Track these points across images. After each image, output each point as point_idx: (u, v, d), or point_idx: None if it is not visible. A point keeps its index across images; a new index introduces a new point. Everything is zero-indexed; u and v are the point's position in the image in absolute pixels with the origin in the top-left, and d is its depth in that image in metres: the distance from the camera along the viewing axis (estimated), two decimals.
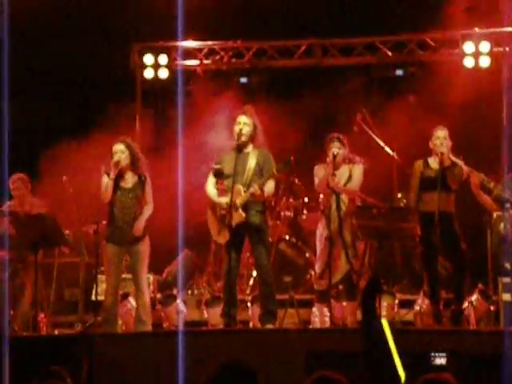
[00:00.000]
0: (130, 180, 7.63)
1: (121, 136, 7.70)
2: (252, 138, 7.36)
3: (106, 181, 7.49)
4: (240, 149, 7.35)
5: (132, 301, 8.04)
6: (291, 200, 9.70)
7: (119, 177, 7.59)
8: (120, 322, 7.83)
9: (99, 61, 10.21)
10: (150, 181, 7.68)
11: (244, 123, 7.33)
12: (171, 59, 10.63)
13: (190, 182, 8.57)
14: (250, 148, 7.37)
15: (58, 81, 10.51)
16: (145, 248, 7.58)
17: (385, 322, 5.55)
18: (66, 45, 10.22)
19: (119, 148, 7.59)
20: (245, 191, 7.19)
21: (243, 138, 7.32)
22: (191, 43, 10.71)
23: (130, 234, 7.49)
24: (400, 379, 4.24)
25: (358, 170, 7.70)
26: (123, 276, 7.89)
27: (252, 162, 7.30)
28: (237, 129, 7.34)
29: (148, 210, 7.63)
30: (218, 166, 7.48)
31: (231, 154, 7.40)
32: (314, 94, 10.35)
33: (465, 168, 7.49)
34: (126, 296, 8.09)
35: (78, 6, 10.32)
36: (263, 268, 7.31)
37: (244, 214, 7.17)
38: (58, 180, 8.64)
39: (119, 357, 6.61)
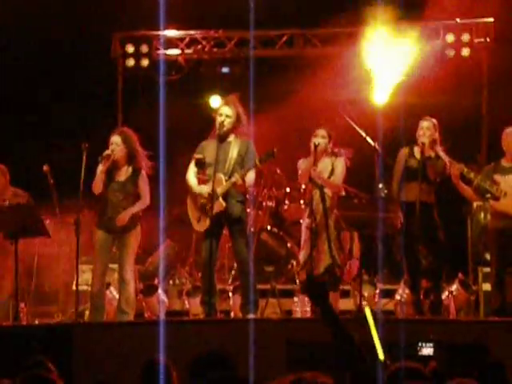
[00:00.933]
0: (123, 173, 7.61)
1: (120, 127, 7.69)
2: (234, 129, 7.34)
3: (98, 173, 7.48)
4: (222, 139, 7.33)
5: (114, 291, 8.02)
6: (273, 190, 9.70)
7: (114, 169, 7.57)
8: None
9: (80, 50, 10.15)
10: (145, 176, 7.65)
11: (226, 115, 7.31)
12: (153, 48, 10.58)
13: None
14: (231, 138, 7.36)
15: (38, 70, 10.42)
16: (133, 240, 7.58)
17: (367, 310, 5.58)
18: (47, 33, 10.15)
19: (115, 140, 7.57)
20: (226, 180, 7.18)
21: (224, 129, 7.30)
22: (173, 32, 10.66)
23: (117, 226, 7.49)
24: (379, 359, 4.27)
25: (340, 164, 7.72)
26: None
27: (234, 152, 7.29)
28: (219, 119, 7.32)
29: (140, 204, 7.60)
30: (199, 156, 7.47)
31: (213, 144, 7.38)
32: (297, 84, 10.33)
33: (445, 158, 7.52)
34: (107, 286, 8.08)
35: None
36: (242, 258, 7.32)
37: (224, 204, 7.16)
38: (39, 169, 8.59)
39: (100, 347, 6.59)
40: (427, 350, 5.92)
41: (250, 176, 7.26)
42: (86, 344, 6.60)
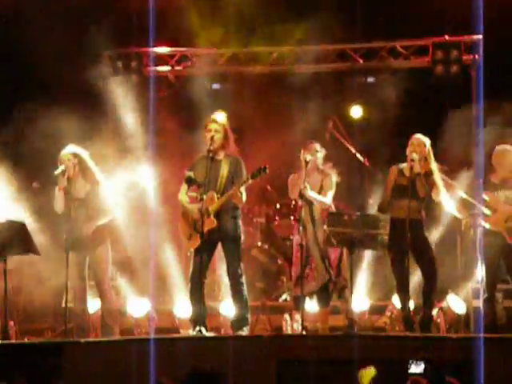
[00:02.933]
0: (82, 189, 7.57)
1: (69, 145, 7.64)
2: (223, 145, 7.33)
3: (56, 192, 7.46)
4: (212, 156, 7.31)
5: (95, 308, 8.00)
6: (264, 206, 9.71)
7: (71, 187, 7.52)
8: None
9: (70, 67, 10.15)
10: (104, 187, 7.61)
11: (215, 130, 7.30)
12: (143, 65, 10.61)
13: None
14: (221, 155, 7.34)
15: (29, 86, 10.42)
16: (104, 254, 7.54)
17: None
18: (38, 50, 10.16)
19: (66, 156, 7.54)
20: (218, 198, 7.17)
21: (215, 145, 7.28)
22: (163, 49, 10.69)
23: (84, 241, 7.45)
24: None
25: (329, 181, 7.74)
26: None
27: (224, 170, 7.26)
28: (208, 136, 7.31)
29: (105, 217, 7.58)
30: (190, 173, 7.47)
31: (203, 161, 7.36)
32: (287, 101, 10.37)
33: (440, 179, 7.55)
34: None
35: (49, 11, 10.25)
36: (235, 275, 7.26)
37: (216, 221, 7.14)
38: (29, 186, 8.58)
39: (89, 364, 6.55)
40: (417, 368, 5.91)
41: (242, 192, 7.26)
42: (75, 362, 6.56)
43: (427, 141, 7.64)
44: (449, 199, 7.64)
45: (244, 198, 7.18)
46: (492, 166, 7.82)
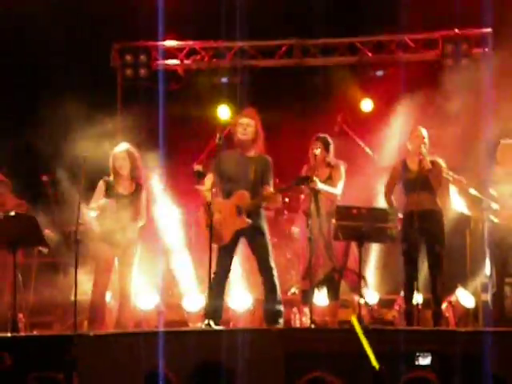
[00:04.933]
0: (127, 187, 7.63)
1: (124, 143, 7.71)
2: (254, 141, 7.18)
3: (101, 186, 7.55)
4: (242, 152, 7.19)
5: (112, 302, 8.02)
6: None
7: (117, 183, 7.61)
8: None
9: (80, 58, 10.16)
10: (146, 194, 7.70)
11: (247, 124, 7.16)
12: (151, 59, 10.61)
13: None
14: (252, 153, 7.20)
15: (37, 78, 10.44)
16: (134, 254, 7.62)
17: (354, 319, 5.59)
18: (46, 42, 10.17)
19: (121, 155, 7.61)
20: (251, 197, 7.05)
21: (247, 137, 7.13)
22: (172, 43, 10.70)
23: (121, 238, 7.50)
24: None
25: (338, 172, 7.72)
26: None
27: (253, 169, 7.12)
28: (240, 129, 7.16)
29: (141, 220, 7.65)
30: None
31: (232, 157, 7.21)
32: (296, 94, 10.36)
33: (445, 171, 7.54)
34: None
35: (60, 3, 10.26)
36: (269, 270, 7.14)
37: (249, 220, 7.04)
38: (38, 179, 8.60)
39: (99, 357, 6.57)
40: (424, 360, 5.91)
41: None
42: (84, 355, 6.57)
43: (426, 133, 7.66)
44: (456, 195, 7.64)
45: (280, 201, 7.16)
46: (497, 160, 7.81)
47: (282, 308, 7.17)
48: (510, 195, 7.63)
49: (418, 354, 5.98)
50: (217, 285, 7.16)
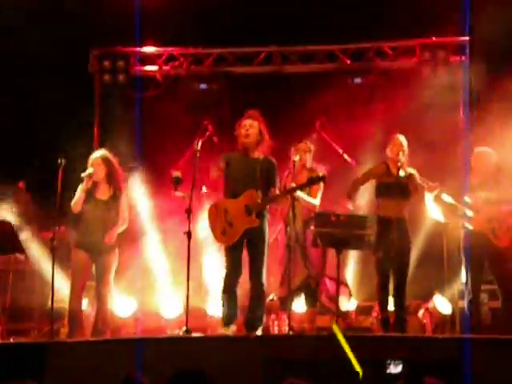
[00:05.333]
0: (105, 192, 7.61)
1: (100, 148, 7.70)
2: (258, 143, 7.15)
3: (79, 191, 7.50)
4: (247, 153, 7.16)
5: (89, 308, 7.99)
6: None
7: (95, 188, 7.58)
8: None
9: (57, 64, 10.12)
10: (127, 196, 7.68)
11: (250, 125, 7.13)
12: (130, 64, 10.59)
13: None
14: (256, 155, 7.17)
15: (15, 84, 10.38)
16: (112, 260, 7.58)
17: (335, 327, 5.58)
18: (25, 47, 10.13)
19: (95, 161, 7.59)
20: (261, 198, 7.00)
21: (250, 139, 7.11)
22: (150, 49, 10.68)
23: (98, 244, 7.48)
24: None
25: (317, 185, 7.74)
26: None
27: (259, 170, 7.08)
28: (243, 131, 7.14)
29: (122, 224, 7.62)
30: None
31: (238, 157, 7.17)
32: (274, 101, 10.36)
33: (420, 179, 7.59)
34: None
35: (37, 8, 10.22)
36: (259, 275, 7.08)
37: (258, 221, 6.98)
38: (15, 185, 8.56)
39: (75, 365, 6.53)
40: (395, 369, 5.91)
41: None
42: (61, 362, 6.53)
43: (405, 141, 7.71)
44: (432, 202, 7.68)
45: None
46: (471, 167, 7.88)
47: (264, 316, 7.14)
48: (485, 202, 7.69)
49: (388, 361, 5.97)
50: (230, 287, 7.07)
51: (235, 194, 7.06)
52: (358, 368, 4.58)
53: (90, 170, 7.55)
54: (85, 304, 8.09)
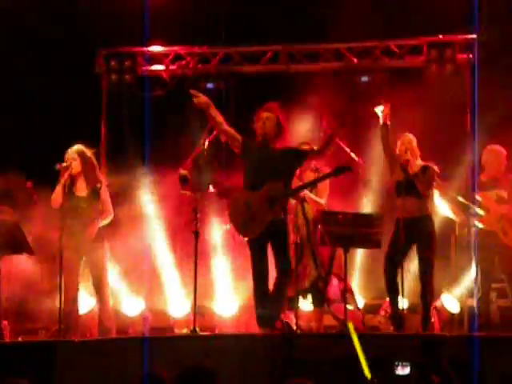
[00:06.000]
0: (83, 188, 7.57)
1: (76, 142, 7.66)
2: (276, 134, 7.06)
3: (57, 187, 7.46)
4: (266, 144, 7.06)
5: (95, 307, 7.99)
6: None
7: (73, 184, 7.54)
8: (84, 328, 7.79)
9: (64, 65, 10.13)
10: (106, 189, 7.63)
11: (266, 118, 7.05)
12: (137, 64, 10.60)
13: None
14: (276, 146, 7.07)
15: (23, 84, 10.40)
16: (102, 255, 7.54)
17: (350, 325, 5.57)
18: (33, 47, 10.16)
19: (71, 154, 7.55)
20: (284, 190, 6.92)
21: (267, 131, 7.03)
22: (157, 48, 10.68)
23: (84, 241, 7.43)
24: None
25: (324, 184, 7.73)
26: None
27: (280, 162, 6.98)
28: (260, 124, 7.06)
29: (105, 218, 7.58)
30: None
31: (258, 150, 7.06)
32: (281, 100, 10.35)
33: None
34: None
35: (42, 9, 10.24)
36: (285, 271, 6.97)
37: (281, 212, 6.91)
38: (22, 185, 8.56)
39: (84, 364, 6.54)
40: (403, 370, 5.89)
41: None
42: (70, 361, 6.55)
43: (414, 139, 7.68)
44: (441, 200, 7.67)
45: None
46: (482, 165, 7.85)
47: (281, 311, 7.02)
48: (497, 200, 7.67)
49: (396, 363, 5.94)
50: (260, 285, 6.95)
51: (255, 186, 6.94)
52: (367, 372, 4.56)
53: (65, 164, 7.49)
54: (86, 305, 8.09)
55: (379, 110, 7.45)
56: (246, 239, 7.03)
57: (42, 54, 10.22)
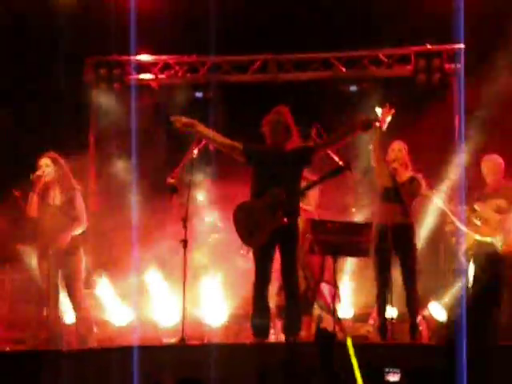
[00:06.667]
0: (57, 196, 7.56)
1: (48, 151, 7.64)
2: (286, 138, 6.96)
3: (31, 196, 7.45)
4: (275, 150, 6.94)
5: (72, 316, 7.98)
6: None
7: (47, 193, 7.52)
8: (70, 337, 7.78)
9: (53, 75, 10.12)
10: (81, 197, 7.62)
11: (276, 122, 6.95)
12: (125, 73, 10.60)
13: None
14: (284, 150, 6.96)
15: (10, 95, 10.38)
16: (77, 263, 7.51)
17: (349, 340, 5.56)
18: (21, 56, 10.14)
19: (44, 162, 7.54)
20: (287, 195, 6.80)
21: (277, 135, 6.93)
22: (146, 57, 10.69)
23: (59, 250, 7.42)
24: None
25: (313, 191, 7.74)
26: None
27: (288, 167, 6.89)
28: (269, 128, 6.96)
29: (78, 226, 7.56)
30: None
31: (266, 155, 6.94)
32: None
33: (425, 189, 7.59)
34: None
35: (30, 19, 10.23)
36: (294, 279, 6.87)
37: (285, 219, 6.76)
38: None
39: (71, 374, 6.51)
40: (393, 377, 5.90)
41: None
42: (56, 371, 6.51)
43: (405, 147, 7.69)
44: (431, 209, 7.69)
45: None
46: (483, 175, 7.87)
47: (301, 318, 6.96)
48: (496, 210, 7.68)
49: (386, 370, 5.94)
50: (260, 295, 6.87)
51: (260, 193, 6.85)
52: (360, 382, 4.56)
53: (38, 173, 7.49)
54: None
55: (379, 111, 7.34)
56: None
57: (30, 63, 10.21)
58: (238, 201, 7.08)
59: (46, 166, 7.51)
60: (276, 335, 7.93)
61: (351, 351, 4.40)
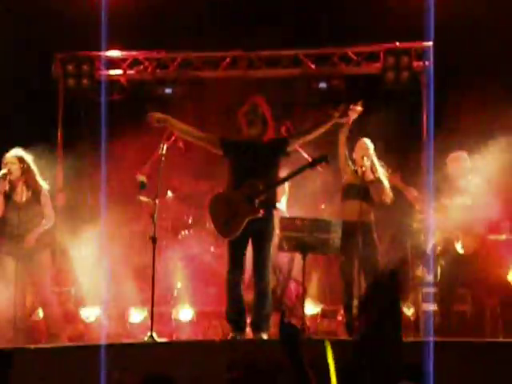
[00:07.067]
0: (23, 194, 7.50)
1: (14, 148, 7.59)
2: (263, 131, 6.93)
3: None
4: (253, 143, 6.90)
5: (40, 313, 7.94)
6: None
7: (13, 190, 7.46)
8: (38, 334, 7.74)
9: (20, 70, 10.04)
10: (47, 194, 7.57)
11: (251, 112, 6.90)
12: (94, 69, 10.53)
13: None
14: (261, 141, 6.92)
15: None
16: (44, 260, 7.48)
17: (327, 343, 5.57)
18: None
19: (9, 159, 7.48)
20: (263, 186, 6.76)
21: (253, 127, 6.89)
22: (115, 53, 10.64)
23: (26, 248, 7.41)
24: None
25: (282, 187, 7.75)
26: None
27: (264, 157, 6.87)
28: (245, 119, 6.92)
29: (46, 224, 7.51)
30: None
31: (243, 145, 6.91)
32: (239, 106, 10.37)
33: (400, 184, 7.65)
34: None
35: None
36: (264, 275, 6.85)
37: (261, 211, 6.73)
38: None
39: (39, 372, 6.48)
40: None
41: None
42: (25, 369, 6.47)
43: (372, 145, 7.74)
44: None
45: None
46: (447, 172, 7.94)
47: (270, 316, 6.94)
48: (459, 208, 7.74)
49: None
50: (235, 285, 6.86)
51: (238, 185, 6.83)
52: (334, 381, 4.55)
53: (4, 171, 7.43)
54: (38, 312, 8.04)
55: (349, 107, 7.28)
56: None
57: None
58: (207, 197, 7.10)
59: (12, 164, 7.44)
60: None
61: (329, 354, 4.39)
